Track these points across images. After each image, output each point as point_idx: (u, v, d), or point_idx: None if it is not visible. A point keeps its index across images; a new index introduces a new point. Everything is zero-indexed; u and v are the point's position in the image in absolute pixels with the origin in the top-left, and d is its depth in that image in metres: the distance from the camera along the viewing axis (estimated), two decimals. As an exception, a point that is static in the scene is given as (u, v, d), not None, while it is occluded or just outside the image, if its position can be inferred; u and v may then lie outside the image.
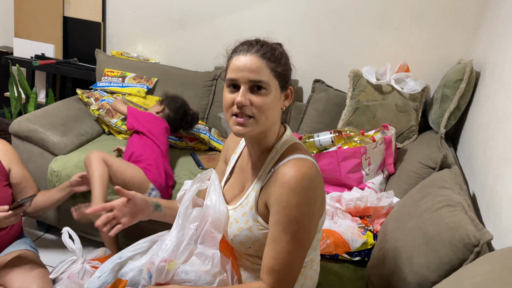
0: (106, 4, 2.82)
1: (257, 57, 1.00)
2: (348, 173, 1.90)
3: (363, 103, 2.17)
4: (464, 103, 2.00)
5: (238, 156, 1.24)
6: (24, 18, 2.94)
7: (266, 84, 1.00)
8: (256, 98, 1.00)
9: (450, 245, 1.15)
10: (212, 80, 2.58)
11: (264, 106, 1.00)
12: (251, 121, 1.01)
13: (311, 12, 2.43)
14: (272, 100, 1.01)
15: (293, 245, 0.99)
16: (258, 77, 0.99)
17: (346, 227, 1.61)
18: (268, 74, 1.00)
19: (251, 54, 1.00)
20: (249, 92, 1.00)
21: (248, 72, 0.99)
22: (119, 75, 2.58)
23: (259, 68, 0.99)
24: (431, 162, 1.78)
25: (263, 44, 1.03)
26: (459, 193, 1.37)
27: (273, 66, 1.01)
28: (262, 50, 1.01)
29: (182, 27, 2.72)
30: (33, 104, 2.69)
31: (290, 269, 1.01)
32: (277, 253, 0.99)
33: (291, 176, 0.99)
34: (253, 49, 1.01)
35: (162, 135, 2.05)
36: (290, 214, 0.98)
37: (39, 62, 2.74)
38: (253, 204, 1.08)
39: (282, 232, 0.99)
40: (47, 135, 2.08)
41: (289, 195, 0.98)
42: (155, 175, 1.87)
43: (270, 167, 1.07)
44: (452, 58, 2.25)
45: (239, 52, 1.02)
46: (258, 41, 1.04)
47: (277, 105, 1.04)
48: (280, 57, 1.03)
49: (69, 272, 1.75)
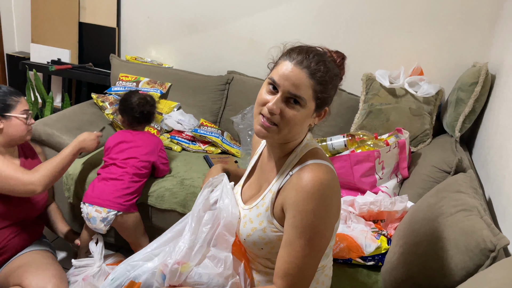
0: (120, 10, 2.86)
1: (305, 74, 0.97)
2: (361, 177, 1.89)
3: (377, 106, 2.16)
4: (479, 106, 1.97)
5: (258, 156, 1.25)
6: (41, 24, 3.00)
7: (303, 101, 0.98)
8: (287, 110, 0.99)
9: (466, 250, 1.13)
10: (224, 84, 2.59)
11: (292, 120, 1.00)
12: (274, 128, 1.01)
13: (323, 15, 2.43)
14: (302, 116, 1.00)
15: (308, 250, 0.99)
16: (298, 93, 0.97)
17: (359, 231, 1.61)
18: (310, 94, 0.98)
19: (302, 68, 0.98)
20: (284, 101, 0.99)
21: (290, 84, 0.97)
22: (133, 79, 2.61)
23: (303, 85, 0.97)
24: (446, 166, 1.77)
25: (319, 62, 0.98)
26: (474, 197, 1.35)
27: (317, 89, 0.98)
28: (314, 69, 0.98)
29: (195, 32, 2.75)
30: (50, 108, 2.74)
31: (304, 274, 1.01)
32: (292, 257, 0.99)
33: (308, 181, 0.99)
34: (306, 63, 0.98)
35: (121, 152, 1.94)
36: (307, 219, 0.98)
37: (55, 67, 2.79)
38: (269, 206, 1.08)
39: (297, 237, 0.99)
40: (63, 139, 2.12)
41: (306, 200, 0.98)
42: None
43: (288, 170, 1.07)
44: (466, 61, 2.23)
45: (292, 60, 0.99)
46: (316, 54, 1.00)
47: (306, 122, 1.03)
48: (329, 81, 1.00)
49: (85, 274, 1.78)
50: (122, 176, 1.84)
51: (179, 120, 2.44)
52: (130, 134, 1.97)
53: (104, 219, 1.78)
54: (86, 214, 1.81)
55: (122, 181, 1.83)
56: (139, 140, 1.96)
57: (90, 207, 1.80)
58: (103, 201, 1.79)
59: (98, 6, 2.86)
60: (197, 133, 2.36)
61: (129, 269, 1.18)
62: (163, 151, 2.04)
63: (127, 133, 1.99)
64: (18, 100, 1.66)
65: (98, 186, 1.84)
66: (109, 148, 1.93)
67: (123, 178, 1.84)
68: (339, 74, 1.05)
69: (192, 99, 2.59)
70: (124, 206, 1.80)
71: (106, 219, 1.78)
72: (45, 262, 1.64)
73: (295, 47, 1.03)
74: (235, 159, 2.32)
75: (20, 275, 1.56)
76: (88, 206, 1.80)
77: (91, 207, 1.80)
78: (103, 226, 1.79)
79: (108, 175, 1.85)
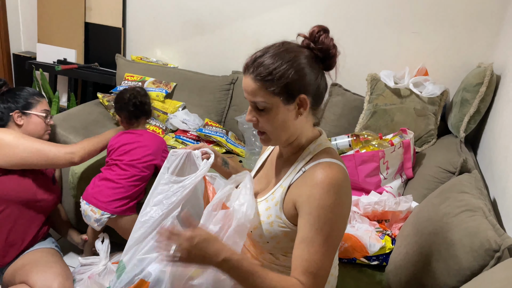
0: (126, 10, 2.87)
1: (251, 80, 1.00)
2: (366, 177, 1.89)
3: (381, 107, 2.16)
4: (484, 107, 1.97)
5: (269, 152, 1.27)
6: (47, 25, 3.02)
7: (263, 104, 1.01)
8: (260, 117, 1.03)
9: (471, 250, 1.14)
10: (229, 84, 2.60)
11: (268, 124, 1.03)
12: (266, 136, 1.07)
13: (329, 16, 2.44)
14: (276, 116, 1.02)
15: (327, 247, 0.98)
16: (255, 99, 1.01)
17: (363, 231, 1.61)
18: (264, 94, 0.99)
19: (247, 76, 1.01)
20: (256, 110, 1.03)
21: (248, 94, 1.02)
22: (139, 79, 2.62)
23: (254, 91, 1.00)
24: (451, 166, 1.77)
25: (260, 64, 0.99)
26: (479, 197, 1.35)
27: (267, 85, 0.99)
28: (257, 71, 0.99)
29: (200, 32, 2.76)
30: (56, 108, 2.76)
31: (324, 271, 0.99)
32: (311, 254, 0.97)
33: (324, 178, 1.00)
34: (249, 71, 1.01)
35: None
36: (325, 216, 0.98)
37: (61, 67, 2.81)
38: (279, 201, 1.09)
39: (315, 234, 0.98)
40: (69, 138, 2.13)
41: (322, 196, 0.98)
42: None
43: (301, 167, 1.08)
44: (471, 61, 2.23)
45: (243, 72, 1.04)
46: (255, 59, 1.01)
47: (287, 118, 1.03)
48: (276, 73, 0.98)
49: (90, 273, 1.79)
50: (121, 180, 1.82)
51: (184, 119, 2.45)
52: (133, 136, 1.94)
53: (97, 220, 1.79)
54: (83, 211, 1.84)
55: (120, 184, 1.81)
56: (142, 141, 1.93)
57: (87, 205, 1.82)
58: (98, 202, 1.79)
59: (103, 6, 2.88)
60: (202, 132, 2.37)
61: (138, 265, 1.16)
62: (166, 152, 2.03)
63: (129, 134, 1.95)
64: (40, 100, 1.80)
65: (97, 185, 1.84)
66: (112, 149, 1.91)
67: (121, 182, 1.81)
68: (293, 55, 1.00)
69: (197, 99, 2.61)
70: (118, 210, 1.80)
71: (99, 220, 1.79)
72: (51, 260, 1.66)
73: (246, 59, 1.05)
74: (239, 158, 2.32)
75: (26, 273, 1.57)
76: (85, 204, 1.82)
77: (87, 206, 1.81)
78: (97, 225, 1.81)
79: (109, 175, 1.84)
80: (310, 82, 1.02)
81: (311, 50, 1.03)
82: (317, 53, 1.03)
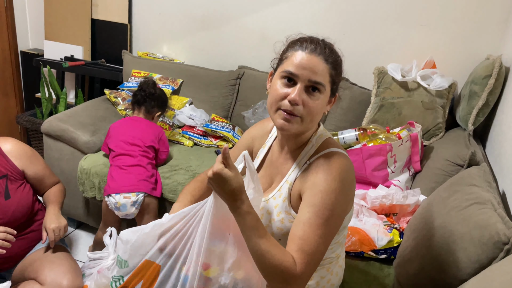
0: (132, 6, 2.87)
1: (322, 60, 1.00)
2: (373, 171, 1.89)
3: (388, 100, 2.15)
4: (493, 100, 1.95)
5: (267, 150, 1.25)
6: (54, 21, 3.03)
7: (323, 87, 1.01)
8: (309, 100, 1.00)
9: (480, 243, 1.13)
10: (235, 79, 2.60)
11: (314, 109, 1.02)
12: (297, 120, 1.02)
13: (335, 9, 2.42)
14: (322, 103, 1.03)
15: (324, 230, 0.98)
16: (318, 79, 1.00)
17: (371, 224, 1.61)
18: (327, 79, 1.02)
19: (317, 55, 1.00)
20: (306, 91, 1.01)
21: (310, 71, 0.99)
22: (146, 76, 2.63)
23: (321, 71, 1.00)
24: (459, 159, 1.75)
25: (330, 48, 1.03)
26: (488, 190, 1.34)
27: (333, 73, 1.02)
28: (328, 54, 1.01)
29: (206, 28, 2.76)
30: (63, 104, 2.78)
31: (318, 255, 0.98)
32: (308, 234, 0.97)
33: (331, 164, 1.02)
34: (320, 50, 1.01)
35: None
36: (328, 199, 0.98)
37: (69, 64, 2.82)
38: (286, 196, 1.09)
39: (315, 215, 0.97)
40: (77, 134, 2.15)
41: (328, 181, 0.99)
42: None
43: (306, 160, 1.08)
44: (480, 53, 2.20)
45: (305, 49, 1.01)
46: (325, 43, 1.04)
47: (323, 109, 1.06)
48: (340, 65, 1.05)
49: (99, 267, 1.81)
50: (139, 162, 1.92)
51: (191, 115, 2.46)
52: (131, 121, 2.08)
53: (134, 203, 1.85)
54: (115, 204, 1.86)
55: (140, 166, 1.92)
56: (141, 127, 2.05)
57: (117, 196, 1.85)
58: (129, 187, 1.85)
59: (110, 3, 2.88)
60: (209, 128, 2.37)
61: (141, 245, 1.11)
62: (164, 141, 2.13)
63: (129, 121, 2.09)
64: None
65: (118, 176, 1.89)
66: (112, 136, 2.02)
67: (140, 163, 1.92)
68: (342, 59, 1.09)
69: (203, 94, 2.61)
70: (150, 186, 1.89)
71: (136, 202, 1.85)
72: (60, 257, 1.67)
73: (304, 38, 1.05)
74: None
75: (35, 269, 1.58)
76: (115, 196, 1.85)
77: (118, 196, 1.85)
78: (135, 209, 1.87)
79: (123, 163, 1.92)
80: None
81: None
82: None
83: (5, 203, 1.56)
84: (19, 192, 1.62)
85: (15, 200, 1.59)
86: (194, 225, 1.07)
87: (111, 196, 1.86)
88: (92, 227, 2.38)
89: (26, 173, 1.68)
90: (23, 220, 1.64)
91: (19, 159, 1.66)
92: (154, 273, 1.10)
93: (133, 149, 1.95)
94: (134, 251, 1.12)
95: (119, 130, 2.03)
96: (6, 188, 1.59)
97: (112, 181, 1.89)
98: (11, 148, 1.66)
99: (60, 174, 2.19)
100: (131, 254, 1.12)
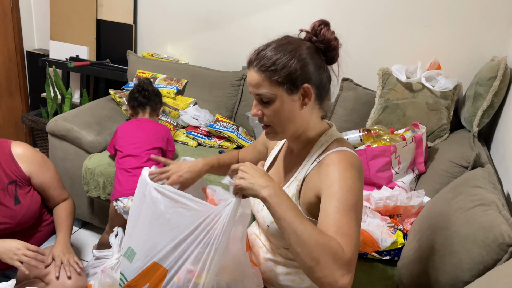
0: (137, 7, 2.89)
1: (255, 72, 1.02)
2: (377, 172, 1.89)
3: (393, 101, 2.15)
4: (498, 101, 1.95)
5: (280, 148, 1.28)
6: (59, 22, 3.05)
7: (266, 96, 1.02)
8: (266, 110, 1.05)
9: (484, 245, 1.13)
10: (239, 80, 2.60)
11: (273, 116, 1.04)
12: (271, 129, 1.08)
13: (339, 10, 2.42)
14: (281, 107, 1.03)
15: (354, 214, 0.93)
16: (258, 91, 1.03)
17: (375, 226, 1.60)
18: (268, 85, 1.01)
19: (251, 69, 1.04)
20: (261, 103, 1.05)
21: (252, 87, 1.04)
22: (150, 76, 2.64)
23: (258, 82, 1.02)
24: (464, 161, 1.75)
25: (263, 56, 1.02)
26: (492, 192, 1.34)
27: (271, 76, 1.01)
28: (260, 64, 1.01)
29: (210, 28, 2.76)
30: (68, 104, 2.80)
31: (357, 237, 0.92)
32: (340, 220, 0.91)
33: (340, 158, 1.02)
34: (253, 64, 1.03)
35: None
36: (345, 186, 0.95)
37: (74, 64, 2.83)
38: (294, 193, 1.09)
39: (340, 203, 0.93)
40: (82, 134, 2.16)
41: (340, 171, 0.98)
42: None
43: (315, 158, 1.08)
44: (485, 55, 2.20)
45: (247, 67, 1.06)
46: (258, 52, 1.04)
47: (292, 108, 1.04)
48: (278, 63, 1.00)
49: (103, 266, 1.81)
50: (144, 163, 1.90)
51: (195, 115, 2.47)
52: (138, 123, 2.08)
53: None
54: (123, 208, 1.85)
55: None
56: (148, 127, 2.05)
57: (125, 199, 1.84)
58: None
59: (115, 3, 2.89)
60: (213, 128, 2.38)
61: (151, 249, 1.09)
62: (171, 141, 2.13)
63: (135, 123, 2.08)
64: None
65: (124, 179, 1.89)
66: (119, 137, 2.02)
67: (145, 164, 1.89)
68: (294, 46, 1.03)
69: (207, 94, 2.61)
70: None
71: None
72: None
73: (249, 55, 1.07)
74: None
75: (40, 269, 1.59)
76: (123, 200, 1.85)
77: (126, 199, 1.84)
78: None
79: (128, 166, 1.91)
80: (312, 72, 1.03)
81: (313, 43, 1.06)
82: (319, 45, 1.06)
83: (15, 208, 1.56)
84: (28, 197, 1.61)
85: (25, 205, 1.59)
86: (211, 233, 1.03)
87: (119, 200, 1.86)
88: (96, 227, 2.39)
89: (32, 180, 1.64)
90: (31, 223, 1.64)
91: (27, 164, 1.63)
92: (160, 277, 1.08)
93: (140, 151, 1.95)
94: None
95: (126, 131, 2.03)
96: (15, 193, 1.58)
97: (119, 185, 1.89)
98: (21, 152, 1.63)
99: (64, 173, 2.20)
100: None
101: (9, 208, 1.55)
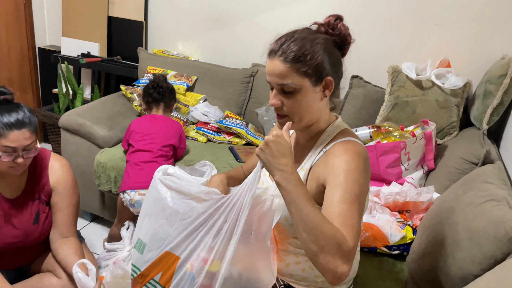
0: (148, 4, 2.91)
1: (280, 62, 1.01)
2: (387, 168, 1.89)
3: (402, 98, 2.15)
4: (508, 99, 1.95)
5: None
6: (71, 19, 3.08)
7: (291, 86, 1.02)
8: (286, 100, 1.04)
9: (495, 239, 1.14)
10: (249, 77, 2.62)
11: (294, 106, 1.04)
12: (287, 119, 1.07)
13: (350, 8, 2.43)
14: (303, 98, 1.04)
15: (357, 205, 0.95)
16: (283, 81, 1.02)
17: (384, 221, 1.62)
18: (294, 75, 1.01)
19: (275, 59, 1.02)
20: (281, 93, 1.04)
21: (275, 76, 1.03)
22: (161, 72, 2.66)
23: (283, 73, 1.01)
24: (474, 157, 1.75)
25: (286, 42, 1.02)
26: (503, 188, 1.34)
27: (298, 67, 1.00)
28: (286, 53, 1.01)
29: (221, 26, 2.78)
30: (80, 100, 2.83)
31: (358, 228, 0.95)
32: (344, 211, 0.94)
33: (347, 148, 1.03)
34: (277, 53, 1.02)
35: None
36: (350, 177, 0.97)
37: (85, 60, 2.87)
38: None
39: (345, 193, 0.96)
40: (94, 129, 2.19)
41: (346, 161, 1.00)
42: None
43: (321, 148, 1.10)
44: (495, 53, 2.19)
45: (268, 56, 1.05)
46: (284, 38, 1.03)
47: (313, 100, 1.05)
48: (305, 53, 1.00)
49: (115, 258, 1.84)
50: (155, 158, 1.93)
51: (205, 112, 2.49)
52: (151, 119, 2.09)
53: None
54: (129, 201, 1.88)
55: (156, 162, 1.92)
56: (162, 124, 2.07)
57: (132, 192, 1.87)
58: (143, 183, 1.86)
59: (126, 1, 2.92)
60: (222, 124, 2.40)
61: (164, 237, 1.10)
62: (184, 138, 2.15)
63: (149, 118, 2.10)
64: (4, 133, 1.33)
65: (133, 172, 1.91)
66: (132, 132, 2.03)
67: (156, 160, 1.93)
68: (318, 39, 1.03)
69: (217, 91, 2.64)
70: None
71: None
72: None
73: (271, 44, 1.06)
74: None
75: (52, 262, 1.61)
76: (130, 192, 1.87)
77: (133, 192, 1.87)
78: None
79: (138, 160, 1.93)
80: (335, 65, 1.06)
81: (330, 36, 1.07)
82: (336, 38, 1.07)
83: (32, 228, 1.54)
84: (46, 218, 1.58)
85: (41, 226, 1.56)
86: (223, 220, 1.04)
87: (126, 192, 1.89)
88: (107, 221, 2.42)
89: (53, 198, 1.57)
90: (37, 242, 1.60)
91: (57, 178, 1.57)
92: (173, 265, 1.08)
93: (153, 147, 1.97)
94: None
95: (141, 126, 2.04)
96: (37, 212, 1.55)
97: (128, 178, 1.92)
98: (57, 165, 1.57)
99: (76, 167, 2.23)
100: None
101: (26, 225, 1.52)
